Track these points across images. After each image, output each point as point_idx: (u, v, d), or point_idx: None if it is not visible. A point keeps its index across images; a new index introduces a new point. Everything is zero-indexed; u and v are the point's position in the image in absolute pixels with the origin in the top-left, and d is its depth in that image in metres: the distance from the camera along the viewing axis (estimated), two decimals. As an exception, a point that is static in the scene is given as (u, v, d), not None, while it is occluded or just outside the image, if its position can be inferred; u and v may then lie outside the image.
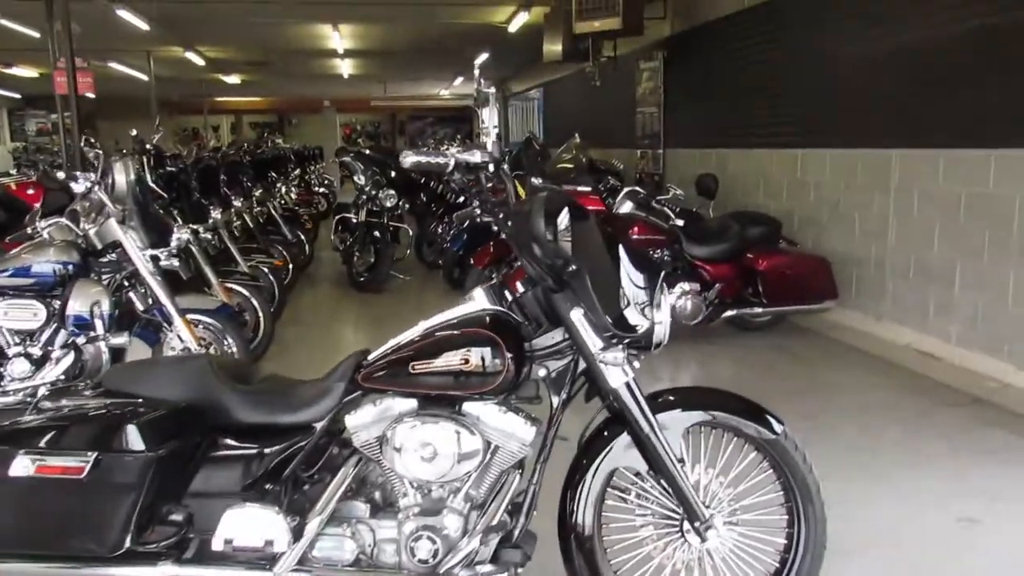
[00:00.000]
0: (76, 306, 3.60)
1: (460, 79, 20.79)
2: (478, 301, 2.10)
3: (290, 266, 6.74)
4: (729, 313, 5.46)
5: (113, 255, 3.83)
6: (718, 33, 7.94)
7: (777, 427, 2.12)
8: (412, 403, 2.07)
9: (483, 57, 15.68)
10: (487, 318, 2.06)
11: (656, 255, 5.34)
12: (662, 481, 2.12)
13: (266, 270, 5.73)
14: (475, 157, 2.01)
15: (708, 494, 2.17)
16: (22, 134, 24.82)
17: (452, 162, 1.98)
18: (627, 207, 5.35)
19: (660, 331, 2.05)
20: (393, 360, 2.07)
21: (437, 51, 15.06)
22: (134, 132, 8.54)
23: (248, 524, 2.06)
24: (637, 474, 2.18)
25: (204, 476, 2.13)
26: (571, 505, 2.16)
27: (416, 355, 2.05)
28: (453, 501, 2.10)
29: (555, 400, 2.13)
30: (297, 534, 2.07)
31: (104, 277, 3.89)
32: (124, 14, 10.40)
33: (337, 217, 8.28)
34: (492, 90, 21.66)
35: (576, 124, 9.75)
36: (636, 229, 5.25)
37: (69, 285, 3.63)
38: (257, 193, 7.17)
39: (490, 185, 2.12)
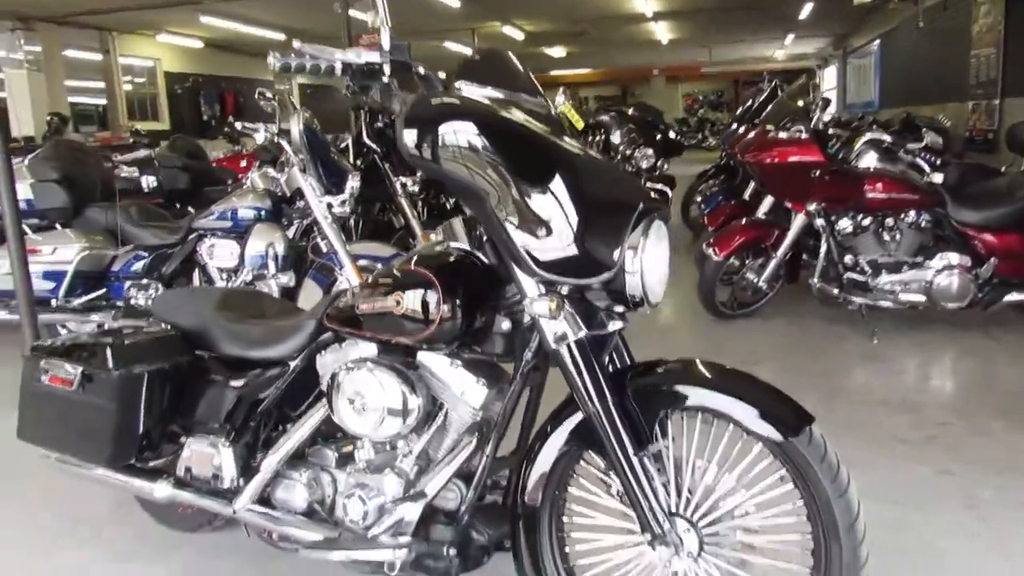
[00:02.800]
0: (254, 247, 3.93)
1: (791, 36, 19.14)
2: (453, 234, 1.80)
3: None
4: (1015, 297, 4.24)
5: (300, 203, 4.11)
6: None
7: (791, 427, 1.52)
8: (372, 348, 1.86)
9: (808, 8, 14.19)
10: (444, 256, 1.75)
11: (909, 220, 4.32)
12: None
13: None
14: (363, 58, 1.66)
15: (702, 504, 1.64)
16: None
17: (339, 65, 1.65)
18: (870, 159, 4.38)
19: (633, 282, 1.57)
20: (350, 301, 1.86)
21: (753, 7, 13.96)
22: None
23: (204, 455, 2.05)
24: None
25: (190, 404, 2.14)
26: (517, 477, 1.78)
27: (365, 295, 1.82)
28: (400, 462, 1.85)
29: (521, 360, 1.74)
30: (256, 471, 2.00)
31: (294, 222, 4.22)
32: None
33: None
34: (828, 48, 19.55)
35: (905, 78, 8.28)
36: (879, 185, 4.27)
37: (251, 228, 3.98)
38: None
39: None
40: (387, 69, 1.66)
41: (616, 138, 7.55)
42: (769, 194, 4.89)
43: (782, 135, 4.57)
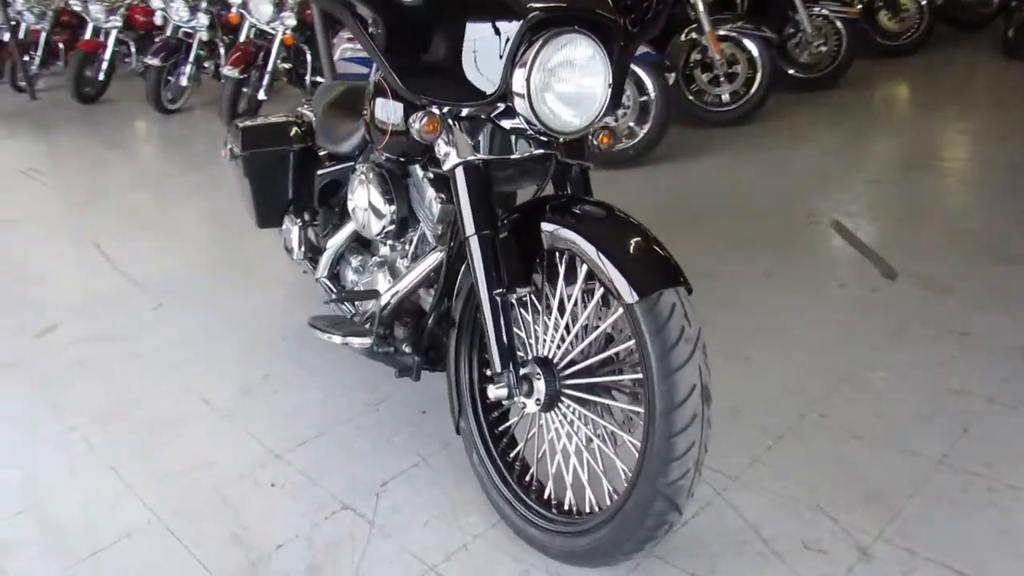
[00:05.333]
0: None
1: None
2: None
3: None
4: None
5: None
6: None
7: (637, 288, 1.34)
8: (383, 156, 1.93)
9: None
10: None
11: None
12: None
13: (838, 22, 5.37)
14: None
15: (557, 356, 1.54)
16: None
17: None
18: None
19: (521, 106, 1.43)
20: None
21: None
22: None
23: (288, 231, 2.51)
24: None
25: (296, 185, 2.49)
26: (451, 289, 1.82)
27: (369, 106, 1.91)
28: (389, 263, 2.07)
29: None
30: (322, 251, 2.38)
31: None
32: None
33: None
34: None
35: None
36: None
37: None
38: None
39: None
40: None
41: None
42: None
43: None
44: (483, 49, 1.45)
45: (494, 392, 1.51)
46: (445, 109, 1.52)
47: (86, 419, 2.28)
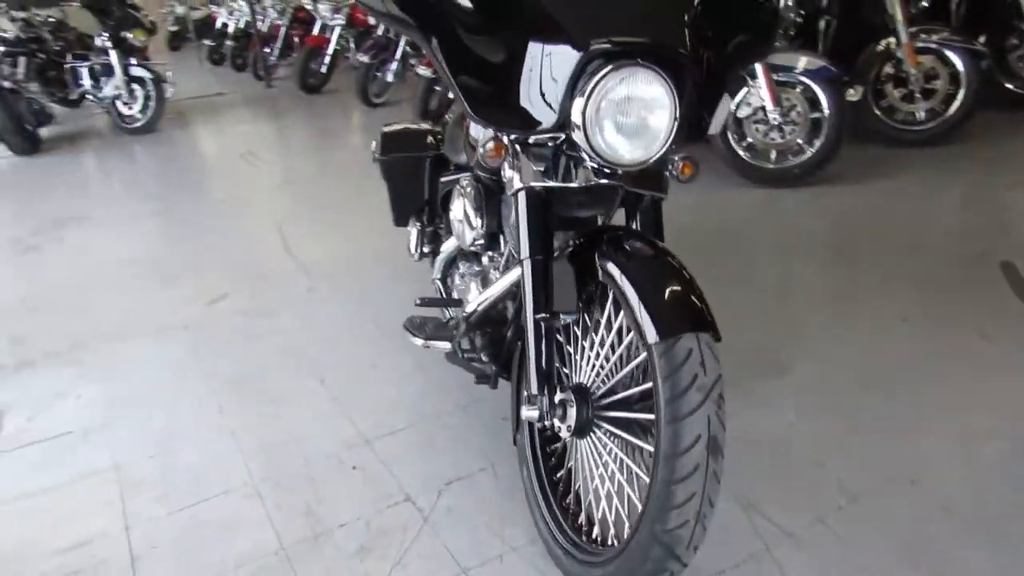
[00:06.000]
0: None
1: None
2: None
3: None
4: None
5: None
6: None
7: (658, 330, 1.33)
8: None
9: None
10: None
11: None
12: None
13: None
14: None
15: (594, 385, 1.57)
16: None
17: None
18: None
19: (579, 137, 1.44)
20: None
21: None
22: None
23: (411, 232, 2.68)
24: None
25: (429, 190, 2.61)
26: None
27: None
28: (483, 274, 2.15)
29: None
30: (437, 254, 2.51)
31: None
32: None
33: None
34: None
35: None
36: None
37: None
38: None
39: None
40: None
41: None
42: None
43: None
44: (548, 77, 1.46)
45: (526, 413, 1.55)
46: (512, 136, 1.57)
47: (223, 383, 2.59)
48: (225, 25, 11.18)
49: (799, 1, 4.41)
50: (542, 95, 1.48)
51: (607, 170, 1.53)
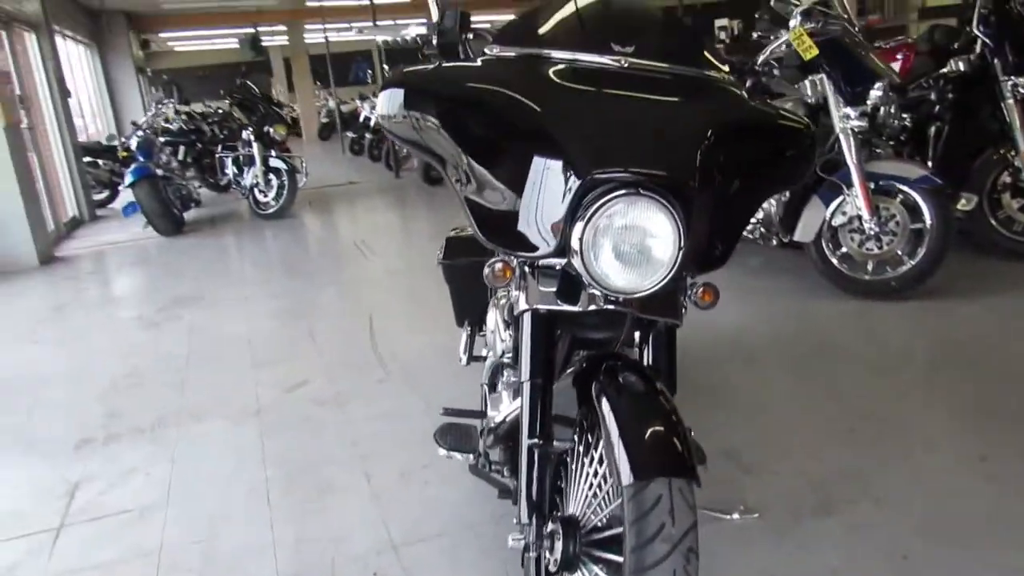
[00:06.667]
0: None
1: None
2: None
3: None
4: None
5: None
6: None
7: (631, 471, 1.28)
8: None
9: None
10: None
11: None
12: None
13: None
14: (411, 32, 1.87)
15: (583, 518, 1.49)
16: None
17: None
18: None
19: (576, 263, 1.41)
20: None
21: None
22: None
23: (461, 336, 2.72)
24: None
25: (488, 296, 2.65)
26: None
27: None
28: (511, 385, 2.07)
29: None
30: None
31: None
32: None
33: None
34: None
35: None
36: None
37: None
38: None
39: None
40: (434, 40, 1.80)
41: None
42: None
43: None
44: (550, 202, 1.45)
45: (511, 543, 1.52)
46: (519, 259, 1.58)
47: (277, 472, 2.70)
48: (367, 119, 12.03)
49: (908, 107, 4.25)
50: (545, 220, 1.47)
51: (612, 296, 1.52)
